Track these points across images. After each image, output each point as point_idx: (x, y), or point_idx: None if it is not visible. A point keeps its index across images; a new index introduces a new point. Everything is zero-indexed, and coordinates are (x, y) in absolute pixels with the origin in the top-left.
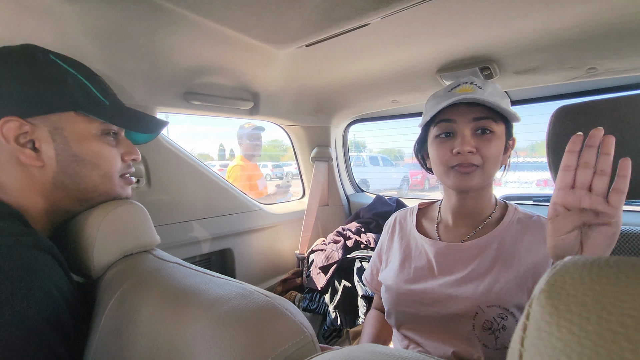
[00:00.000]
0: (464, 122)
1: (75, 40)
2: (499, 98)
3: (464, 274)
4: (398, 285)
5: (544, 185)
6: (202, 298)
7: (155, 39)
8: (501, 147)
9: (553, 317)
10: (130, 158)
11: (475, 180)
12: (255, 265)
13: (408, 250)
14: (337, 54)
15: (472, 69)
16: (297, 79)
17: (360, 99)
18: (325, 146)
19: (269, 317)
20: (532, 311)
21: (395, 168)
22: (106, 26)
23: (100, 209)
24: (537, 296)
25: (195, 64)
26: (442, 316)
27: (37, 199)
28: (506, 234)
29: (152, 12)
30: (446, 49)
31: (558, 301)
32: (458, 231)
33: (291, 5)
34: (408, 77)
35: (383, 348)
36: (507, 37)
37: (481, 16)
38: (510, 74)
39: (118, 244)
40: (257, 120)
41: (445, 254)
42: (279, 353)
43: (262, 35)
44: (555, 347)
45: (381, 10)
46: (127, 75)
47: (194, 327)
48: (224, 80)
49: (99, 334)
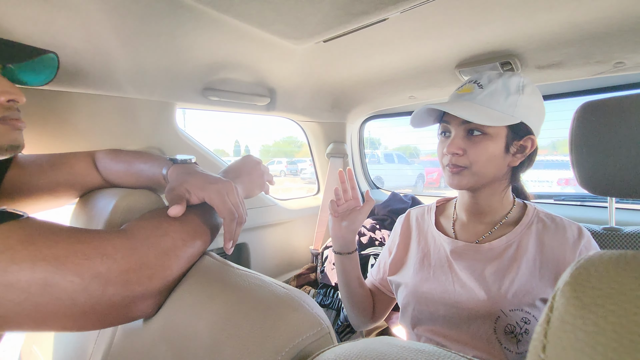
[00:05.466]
0: (455, 124)
1: (100, 37)
2: (501, 97)
3: (483, 276)
4: (417, 283)
5: (565, 184)
6: (223, 287)
7: (176, 36)
8: (496, 148)
9: (577, 310)
10: (4, 98)
11: (465, 181)
12: (270, 259)
13: (427, 248)
14: (354, 49)
15: (492, 64)
16: (314, 74)
17: (377, 94)
18: (341, 142)
19: (286, 308)
20: (556, 303)
21: (410, 166)
22: (130, 23)
23: (120, 198)
24: (561, 289)
25: (213, 60)
26: (461, 317)
27: None
28: (526, 235)
29: (174, 8)
30: (466, 44)
31: (583, 294)
32: (474, 229)
33: (310, 0)
34: (426, 73)
35: (400, 341)
36: (530, 31)
37: (503, 9)
38: (533, 69)
39: None
40: (273, 116)
41: (462, 253)
42: (297, 343)
43: (280, 31)
44: (580, 338)
45: (400, 4)
46: (148, 72)
47: (214, 315)
48: (241, 76)
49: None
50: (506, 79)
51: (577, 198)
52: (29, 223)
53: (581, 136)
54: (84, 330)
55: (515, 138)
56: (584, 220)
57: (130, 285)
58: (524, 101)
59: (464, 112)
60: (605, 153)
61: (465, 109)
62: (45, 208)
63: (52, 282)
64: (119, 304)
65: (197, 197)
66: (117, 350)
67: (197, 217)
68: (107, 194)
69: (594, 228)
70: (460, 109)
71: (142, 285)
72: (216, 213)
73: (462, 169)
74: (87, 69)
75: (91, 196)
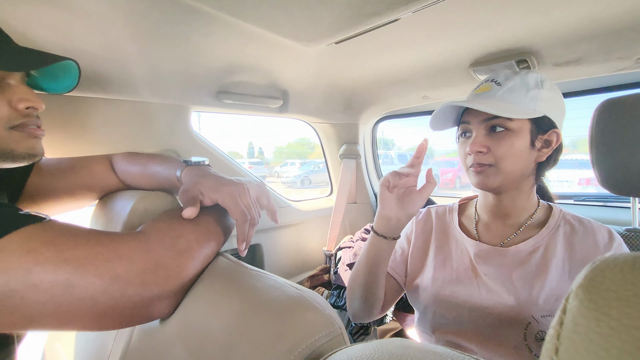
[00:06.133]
0: (476, 122)
1: (118, 43)
2: (521, 92)
3: (510, 280)
4: (438, 285)
5: (586, 184)
6: (236, 288)
7: (190, 40)
8: (521, 143)
9: (591, 312)
10: (23, 105)
11: (491, 180)
12: (284, 260)
13: (448, 249)
14: (366, 50)
15: (507, 62)
16: (326, 76)
17: (389, 95)
18: (354, 143)
19: (299, 308)
20: (569, 305)
21: (425, 166)
22: (146, 29)
23: (138, 200)
24: (575, 291)
25: (227, 63)
26: (487, 323)
27: None
28: (553, 238)
29: (188, 14)
30: (480, 42)
31: (597, 296)
32: (498, 231)
33: (322, 2)
34: (440, 72)
35: (413, 342)
36: (547, 28)
37: (518, 5)
38: (550, 67)
39: None
40: (286, 118)
41: (486, 257)
42: (309, 344)
43: (292, 33)
44: (593, 340)
45: (412, 4)
46: (164, 76)
47: (228, 315)
48: (254, 78)
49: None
50: (523, 76)
51: (599, 198)
52: (51, 225)
53: (601, 134)
54: (104, 330)
55: (539, 132)
56: (605, 222)
57: (147, 286)
58: (545, 95)
59: (486, 107)
60: (628, 151)
61: (487, 105)
62: (65, 210)
63: (74, 283)
64: (137, 305)
65: (210, 199)
66: (135, 349)
67: (211, 218)
68: (125, 196)
69: (617, 229)
70: (482, 104)
71: (158, 286)
72: (229, 214)
73: (487, 167)
74: (105, 75)
75: (110, 198)
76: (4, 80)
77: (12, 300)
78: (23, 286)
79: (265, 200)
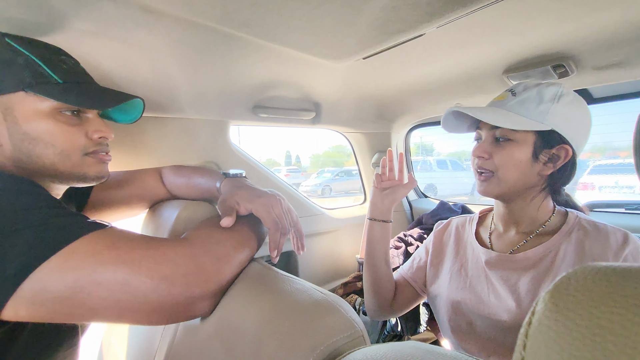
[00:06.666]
0: (485, 129)
1: (165, 68)
2: (532, 105)
3: (516, 286)
4: (451, 292)
5: None
6: (267, 290)
7: (228, 62)
8: (521, 154)
9: (552, 313)
10: (97, 136)
11: (491, 187)
12: (317, 267)
13: (464, 258)
14: (394, 63)
15: (543, 67)
16: (356, 88)
17: (421, 103)
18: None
19: (322, 310)
20: (537, 307)
21: (466, 172)
22: (189, 55)
23: (182, 209)
24: (543, 296)
25: (262, 81)
26: (496, 329)
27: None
28: (563, 245)
29: (226, 40)
30: (512, 49)
31: (559, 300)
32: (509, 239)
33: (347, 24)
34: (472, 80)
35: (427, 345)
36: (582, 32)
37: (548, 14)
38: (590, 71)
39: None
40: (319, 128)
41: (496, 264)
42: (330, 343)
43: (321, 53)
44: (551, 338)
45: (435, 21)
46: (204, 95)
47: (259, 314)
48: (287, 93)
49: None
50: (542, 88)
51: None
52: (112, 231)
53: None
54: (153, 325)
55: (545, 146)
56: None
57: (190, 287)
58: (559, 110)
59: (487, 116)
60: None
61: (489, 113)
62: (121, 218)
63: (130, 282)
64: (181, 303)
65: (245, 209)
66: (179, 344)
67: (246, 226)
68: (171, 205)
69: None
70: (485, 112)
71: (200, 288)
72: (262, 223)
73: (489, 175)
74: (155, 96)
75: (158, 207)
76: (83, 113)
77: (80, 294)
78: (89, 283)
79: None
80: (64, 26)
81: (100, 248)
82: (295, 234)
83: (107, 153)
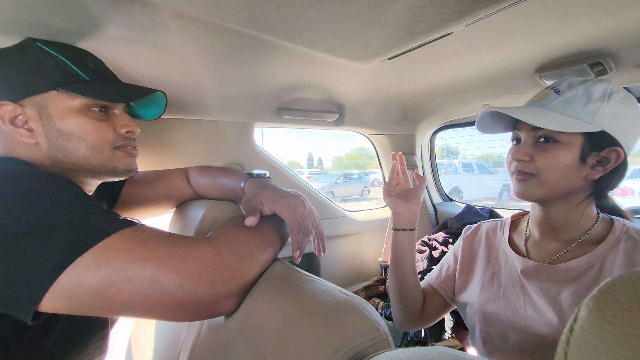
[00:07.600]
0: (525, 130)
1: (194, 73)
2: (579, 104)
3: (557, 299)
4: (483, 302)
5: None
6: (291, 290)
7: (254, 65)
8: (568, 157)
9: (597, 320)
10: (124, 130)
11: (531, 190)
12: (339, 270)
13: (497, 266)
14: (420, 63)
15: (579, 66)
16: (381, 89)
17: (447, 105)
18: (411, 154)
19: (346, 312)
20: (580, 314)
21: (493, 175)
22: (217, 58)
23: (208, 209)
24: (586, 302)
25: (286, 83)
26: (532, 344)
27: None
28: (610, 256)
29: (252, 43)
30: (545, 47)
31: (605, 306)
32: (547, 247)
33: (372, 25)
34: (501, 80)
35: (454, 351)
36: (623, 27)
37: (585, 8)
38: (630, 68)
39: None
40: (342, 130)
41: (534, 274)
42: (354, 345)
43: (346, 54)
44: (597, 346)
45: (464, 19)
46: (231, 97)
47: (283, 314)
48: (311, 95)
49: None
50: (589, 86)
51: None
52: (142, 229)
53: None
54: (179, 321)
55: (594, 148)
56: None
57: (215, 285)
58: (609, 109)
59: (529, 116)
60: None
61: (531, 114)
62: (149, 216)
63: (158, 279)
64: (207, 301)
65: (268, 209)
66: (204, 341)
67: (269, 226)
68: (197, 205)
69: None
70: (526, 113)
71: (224, 286)
72: (285, 224)
73: (529, 176)
74: (184, 99)
75: (185, 207)
76: (110, 110)
77: (111, 289)
78: (120, 278)
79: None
80: (101, 32)
81: (131, 245)
82: (316, 236)
83: (135, 147)
